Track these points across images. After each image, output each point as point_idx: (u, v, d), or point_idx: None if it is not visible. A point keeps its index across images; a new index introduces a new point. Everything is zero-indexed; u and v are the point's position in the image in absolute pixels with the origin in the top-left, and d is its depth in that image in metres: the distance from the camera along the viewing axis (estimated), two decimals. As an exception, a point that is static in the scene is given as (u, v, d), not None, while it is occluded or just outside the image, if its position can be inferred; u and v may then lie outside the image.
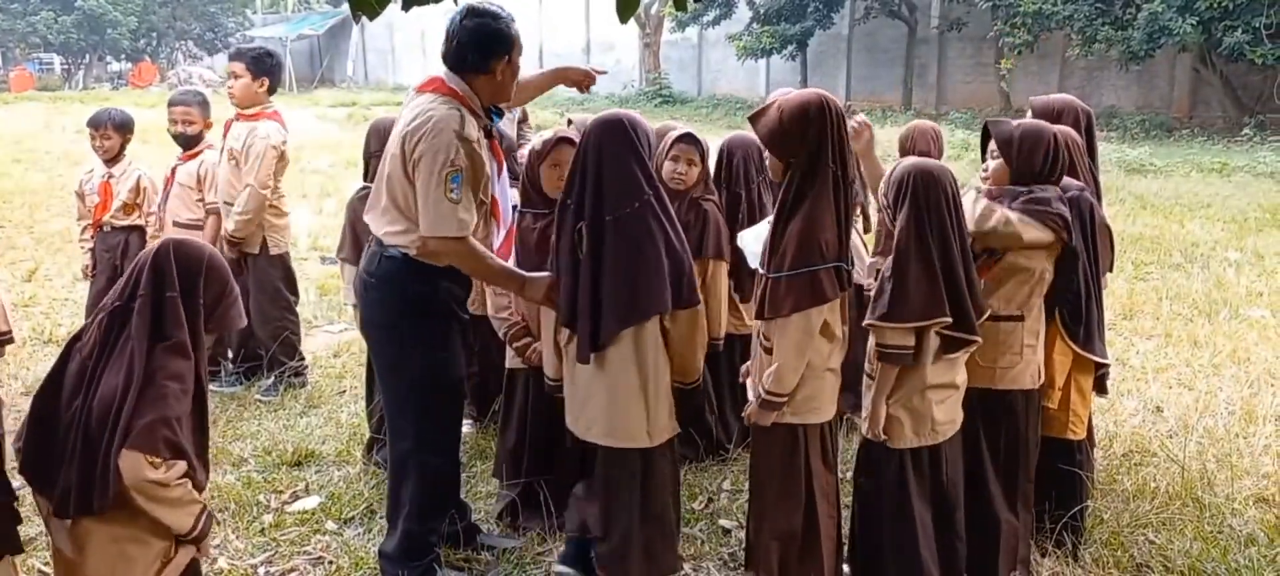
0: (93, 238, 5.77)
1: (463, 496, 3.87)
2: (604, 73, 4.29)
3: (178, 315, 2.46)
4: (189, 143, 5.54)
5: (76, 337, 2.55)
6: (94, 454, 2.36)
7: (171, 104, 5.62)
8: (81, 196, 5.81)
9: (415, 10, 2.60)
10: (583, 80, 4.01)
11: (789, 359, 3.05)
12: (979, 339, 3.07)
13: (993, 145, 3.44)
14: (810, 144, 3.00)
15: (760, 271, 3.16)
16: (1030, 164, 3.32)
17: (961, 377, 3.17)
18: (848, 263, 3.08)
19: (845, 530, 3.42)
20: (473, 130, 3.20)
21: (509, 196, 3.53)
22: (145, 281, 2.46)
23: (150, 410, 2.36)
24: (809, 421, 3.17)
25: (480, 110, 3.31)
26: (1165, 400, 5.32)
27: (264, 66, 5.34)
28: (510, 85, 3.37)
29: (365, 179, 4.44)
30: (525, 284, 3.37)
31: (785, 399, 3.10)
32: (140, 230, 5.70)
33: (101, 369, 2.41)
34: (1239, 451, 4.60)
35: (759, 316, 3.13)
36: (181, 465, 2.44)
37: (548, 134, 3.82)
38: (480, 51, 3.25)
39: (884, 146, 14.66)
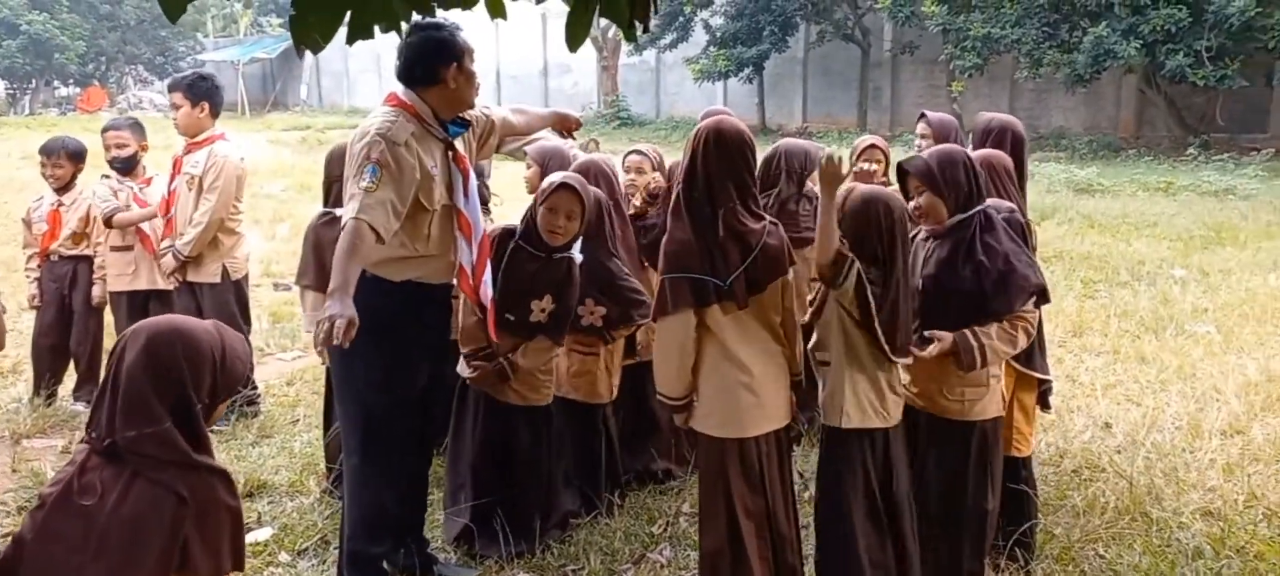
0: (40, 267, 5.69)
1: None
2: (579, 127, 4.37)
3: (172, 443, 2.19)
4: (126, 166, 5.50)
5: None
6: None
7: (104, 131, 5.58)
8: (28, 224, 5.73)
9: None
10: (575, 125, 4.20)
11: (656, 361, 3.32)
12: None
13: (916, 183, 3.39)
14: (683, 164, 3.25)
15: None
16: (959, 187, 3.32)
17: None
18: (722, 278, 3.13)
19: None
20: (402, 133, 3.24)
21: (478, 212, 3.53)
22: (125, 418, 2.17)
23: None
24: (727, 435, 3.21)
25: (433, 120, 3.35)
26: (1114, 416, 5.41)
27: (200, 91, 5.28)
28: (467, 91, 3.39)
29: (325, 204, 4.42)
30: (339, 297, 3.02)
31: (674, 402, 3.27)
32: (88, 260, 5.66)
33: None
34: (1186, 465, 4.69)
35: None
36: None
37: (554, 177, 3.85)
38: (426, 63, 3.32)
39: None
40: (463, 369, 3.92)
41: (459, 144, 3.49)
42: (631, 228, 4.51)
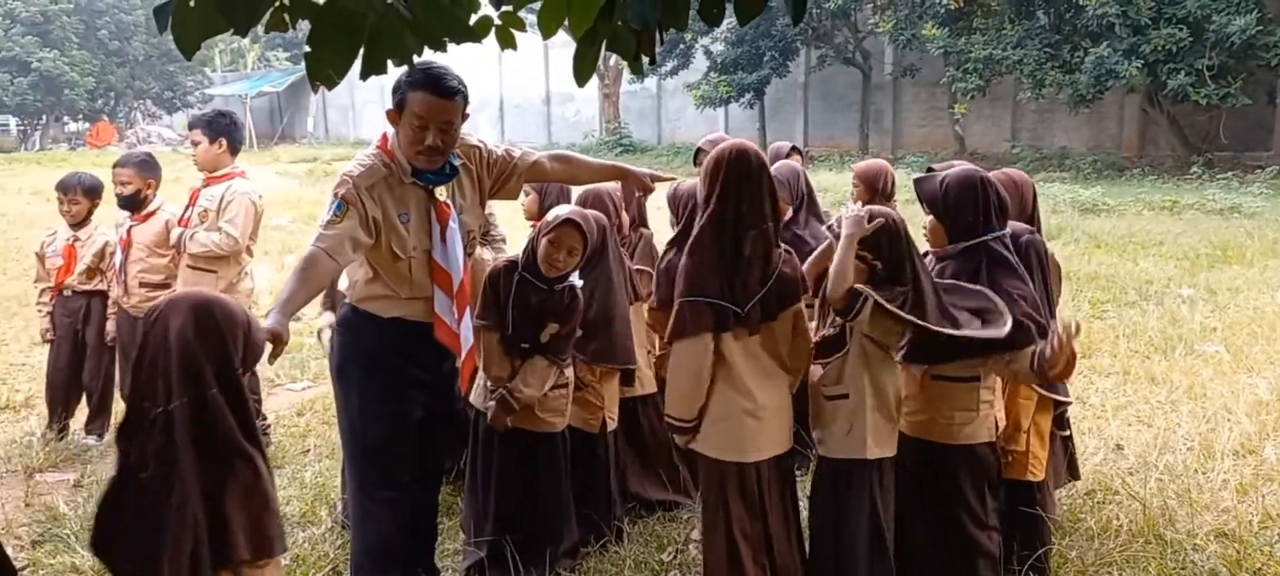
0: (52, 301, 5.71)
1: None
2: (671, 179, 4.22)
3: (220, 412, 2.26)
4: (131, 203, 5.46)
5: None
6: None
7: (113, 166, 5.56)
8: (42, 259, 5.76)
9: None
10: (643, 188, 3.96)
11: (671, 382, 3.28)
12: None
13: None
14: (707, 187, 3.21)
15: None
16: (962, 217, 3.37)
17: None
18: (739, 304, 3.13)
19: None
20: (371, 178, 3.27)
21: (458, 262, 3.46)
22: (180, 383, 2.23)
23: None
24: (727, 458, 3.21)
25: (404, 162, 3.33)
26: (1125, 437, 5.39)
27: (219, 127, 5.34)
28: (409, 139, 3.28)
29: None
30: (275, 313, 3.09)
31: (685, 424, 3.24)
32: (102, 294, 5.66)
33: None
34: (1199, 486, 4.67)
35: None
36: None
37: (560, 211, 3.83)
38: (392, 104, 3.35)
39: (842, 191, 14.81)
40: (476, 398, 3.92)
41: (442, 192, 3.43)
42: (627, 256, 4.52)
